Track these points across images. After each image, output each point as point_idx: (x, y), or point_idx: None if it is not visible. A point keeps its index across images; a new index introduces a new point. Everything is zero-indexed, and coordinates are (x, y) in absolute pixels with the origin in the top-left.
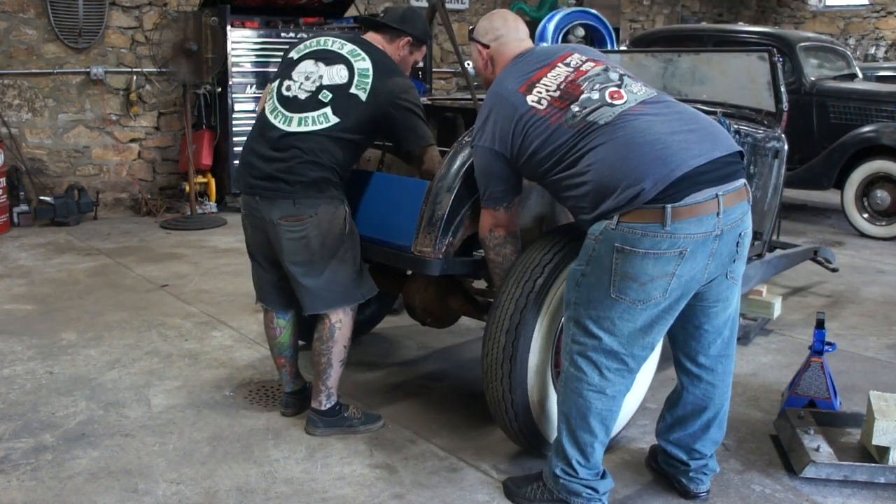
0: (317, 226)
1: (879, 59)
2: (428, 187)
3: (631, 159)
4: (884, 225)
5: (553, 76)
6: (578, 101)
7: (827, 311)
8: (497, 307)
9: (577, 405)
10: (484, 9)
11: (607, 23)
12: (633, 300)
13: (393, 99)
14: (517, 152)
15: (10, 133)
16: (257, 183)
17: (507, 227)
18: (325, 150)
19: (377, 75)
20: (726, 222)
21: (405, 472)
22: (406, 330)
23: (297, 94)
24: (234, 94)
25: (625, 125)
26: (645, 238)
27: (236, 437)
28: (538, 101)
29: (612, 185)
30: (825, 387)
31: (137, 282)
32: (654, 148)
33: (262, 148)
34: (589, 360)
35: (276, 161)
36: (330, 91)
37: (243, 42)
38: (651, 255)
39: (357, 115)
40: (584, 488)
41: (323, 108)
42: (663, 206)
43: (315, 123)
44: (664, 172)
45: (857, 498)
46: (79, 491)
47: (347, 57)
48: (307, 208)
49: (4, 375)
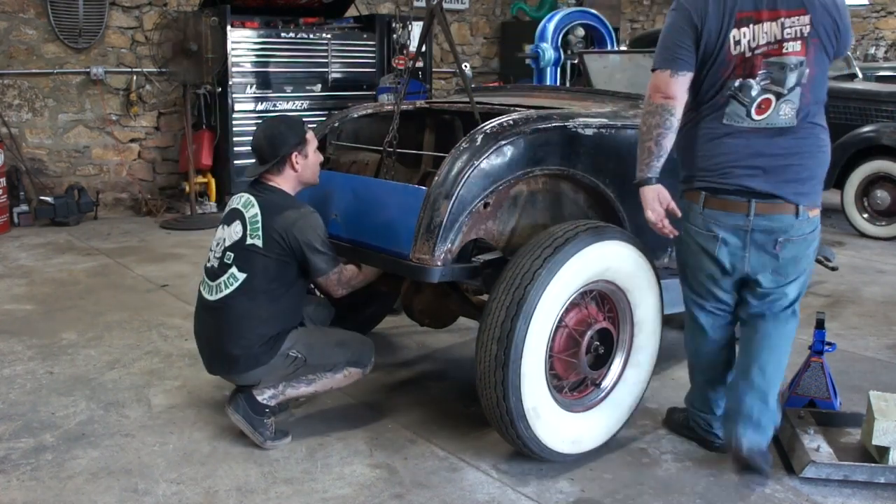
0: (273, 374)
1: (879, 59)
2: (426, 193)
3: (727, 158)
4: (884, 225)
5: (762, 32)
6: (746, 80)
7: (827, 311)
8: (488, 314)
9: (687, 343)
10: (484, 9)
11: (607, 23)
12: (685, 264)
13: (285, 235)
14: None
15: (11, 133)
16: (211, 367)
17: (662, 93)
18: (248, 316)
19: (265, 217)
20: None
21: (405, 472)
22: (406, 330)
23: (212, 263)
24: (234, 94)
25: (741, 131)
26: (690, 212)
27: (236, 437)
28: (736, 43)
29: (695, 158)
30: (825, 387)
31: (137, 282)
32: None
33: (202, 328)
34: (688, 306)
35: (213, 341)
36: (231, 250)
37: (243, 42)
38: (695, 230)
39: (262, 264)
40: (703, 421)
41: (229, 269)
42: (701, 191)
43: (227, 287)
44: (728, 176)
45: (857, 498)
46: (79, 491)
47: (241, 210)
48: (255, 375)
49: (4, 375)
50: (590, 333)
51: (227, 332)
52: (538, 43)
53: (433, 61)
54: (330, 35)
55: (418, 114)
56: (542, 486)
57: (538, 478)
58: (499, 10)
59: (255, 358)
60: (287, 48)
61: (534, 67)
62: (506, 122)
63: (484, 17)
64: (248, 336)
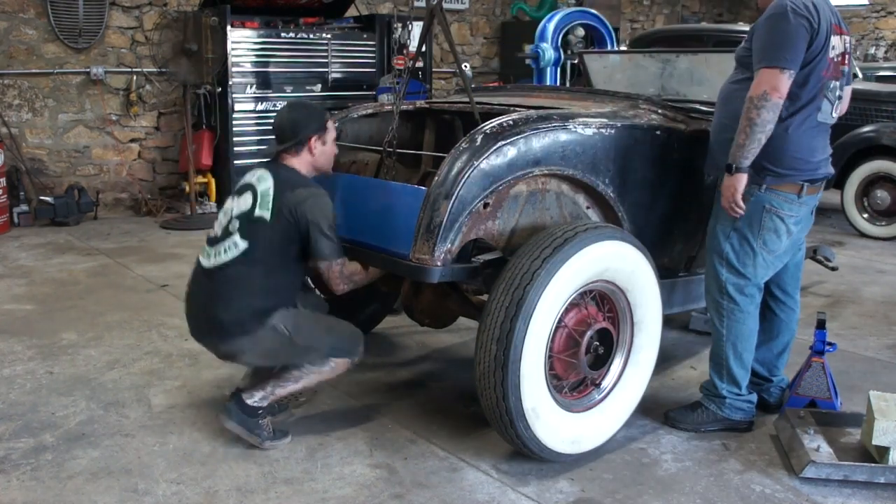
0: (257, 348)
1: (879, 59)
2: (426, 194)
3: (807, 153)
4: (884, 225)
5: (840, 42)
6: (837, 80)
7: (827, 311)
8: (487, 315)
9: (741, 331)
10: (484, 9)
11: (607, 23)
12: (773, 251)
13: (295, 212)
14: (811, 49)
15: (11, 133)
16: (196, 332)
17: (779, 92)
18: (244, 284)
19: (278, 191)
20: (816, 201)
21: (405, 472)
22: (406, 330)
23: (215, 232)
24: (234, 94)
25: (819, 131)
26: (785, 203)
27: (236, 437)
28: (833, 48)
29: (785, 156)
30: (826, 387)
31: (138, 282)
32: (817, 157)
33: (195, 294)
34: (743, 294)
35: (205, 307)
36: (238, 219)
37: (243, 42)
38: (788, 217)
39: (266, 236)
40: (746, 403)
41: (232, 236)
42: (803, 183)
43: (227, 253)
44: (810, 172)
45: (857, 498)
46: (79, 491)
47: (253, 184)
48: (241, 343)
49: (4, 375)
50: (589, 333)
51: (218, 297)
52: (538, 43)
53: (433, 61)
54: (330, 35)
55: (418, 114)
56: (542, 486)
57: (538, 478)
58: (499, 10)
59: (242, 325)
60: (287, 48)
61: (534, 67)
62: (506, 122)
63: (484, 17)
64: (239, 304)
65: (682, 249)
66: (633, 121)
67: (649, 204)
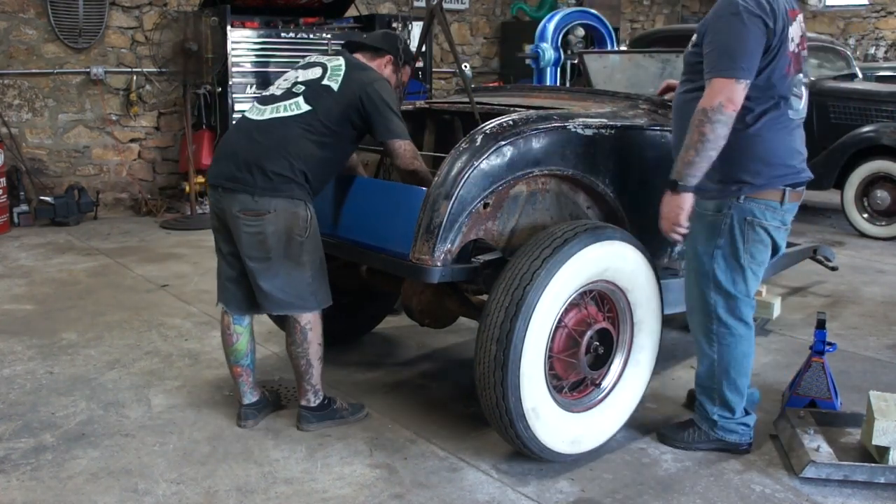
0: (274, 222)
1: (879, 59)
2: (426, 194)
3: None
4: (884, 225)
5: (795, 28)
6: (798, 76)
7: (827, 311)
8: (487, 315)
9: (735, 356)
10: (484, 8)
11: (607, 23)
12: (760, 262)
13: (365, 88)
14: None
15: (11, 133)
16: (222, 175)
17: (734, 104)
18: (295, 142)
19: (349, 69)
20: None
21: (405, 472)
22: (406, 330)
23: (273, 92)
24: (234, 94)
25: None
26: (767, 212)
27: (236, 437)
28: (791, 39)
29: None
30: (826, 387)
31: (137, 282)
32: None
33: (235, 141)
34: (735, 316)
35: (245, 152)
36: (303, 84)
37: (243, 42)
38: (772, 227)
39: (329, 105)
40: (739, 426)
41: (295, 97)
42: (784, 188)
43: (286, 111)
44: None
45: (857, 498)
46: (79, 491)
47: (324, 61)
48: (266, 203)
49: (4, 375)
50: (589, 333)
51: (266, 147)
52: (538, 43)
53: (433, 61)
54: (330, 35)
55: (418, 114)
56: (542, 486)
57: (538, 478)
58: (499, 10)
59: (277, 183)
60: (287, 48)
61: (534, 67)
62: (506, 122)
63: (484, 17)
64: (284, 161)
65: (682, 249)
66: (633, 121)
67: (649, 204)
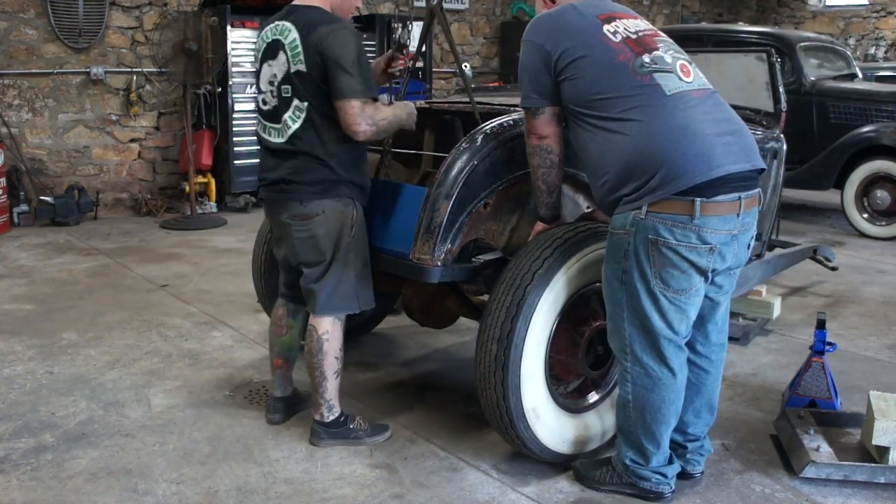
0: (325, 224)
1: (879, 59)
2: (426, 194)
3: (680, 145)
4: (884, 225)
5: (633, 23)
6: (651, 54)
7: (827, 311)
8: (487, 315)
9: (651, 402)
10: (484, 8)
11: None
12: (676, 290)
13: (319, 52)
14: (565, 63)
15: (11, 133)
16: (267, 187)
17: (537, 134)
18: (319, 147)
19: (302, 38)
20: (743, 223)
21: (405, 472)
22: (406, 330)
23: (270, 104)
24: (234, 94)
25: (684, 108)
26: (675, 229)
27: (236, 437)
28: (613, 33)
29: (649, 162)
30: (826, 387)
31: (137, 282)
32: (703, 143)
33: (266, 158)
34: (653, 356)
35: (280, 168)
36: (283, 82)
37: (243, 42)
38: (683, 246)
39: (313, 90)
40: (654, 474)
41: (290, 103)
42: (693, 199)
43: (294, 122)
44: (704, 169)
45: (857, 498)
46: (79, 491)
47: (280, 39)
48: (315, 206)
49: (4, 375)
50: (589, 334)
51: (295, 167)
52: None
53: (433, 61)
54: None
55: (418, 114)
56: (542, 486)
57: (538, 478)
58: (499, 10)
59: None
60: None
61: None
62: (506, 122)
63: (484, 17)
64: (317, 170)
65: None
66: None
67: None
